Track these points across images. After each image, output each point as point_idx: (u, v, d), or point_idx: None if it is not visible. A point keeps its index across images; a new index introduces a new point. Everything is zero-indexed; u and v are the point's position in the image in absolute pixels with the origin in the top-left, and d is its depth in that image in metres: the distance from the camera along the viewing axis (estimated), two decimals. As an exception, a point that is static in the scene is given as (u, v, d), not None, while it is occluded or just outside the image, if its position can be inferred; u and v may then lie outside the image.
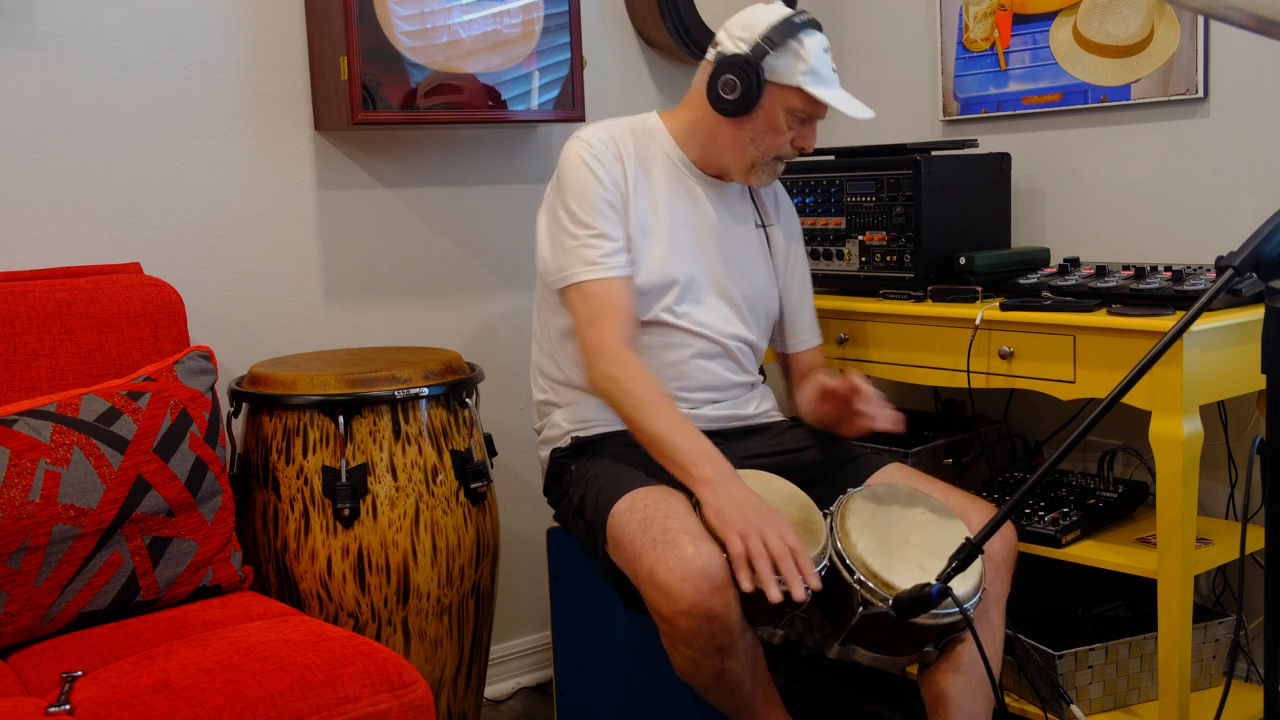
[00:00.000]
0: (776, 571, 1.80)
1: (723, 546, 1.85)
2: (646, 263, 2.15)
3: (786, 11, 2.11)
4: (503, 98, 2.56)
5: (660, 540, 1.85)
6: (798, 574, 1.80)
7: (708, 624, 1.81)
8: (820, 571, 1.91)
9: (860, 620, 1.91)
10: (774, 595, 1.77)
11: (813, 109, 2.13)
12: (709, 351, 2.21)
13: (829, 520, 1.99)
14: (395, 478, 2.18)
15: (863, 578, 1.89)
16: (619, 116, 2.27)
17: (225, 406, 2.27)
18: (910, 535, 1.97)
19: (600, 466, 2.10)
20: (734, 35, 2.12)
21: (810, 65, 2.08)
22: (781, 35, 2.08)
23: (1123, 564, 2.22)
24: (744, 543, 1.81)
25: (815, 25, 2.12)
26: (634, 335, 2.11)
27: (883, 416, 2.07)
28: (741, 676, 1.90)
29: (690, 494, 1.99)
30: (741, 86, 2.08)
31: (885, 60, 3.09)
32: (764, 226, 2.32)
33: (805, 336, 2.39)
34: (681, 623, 1.82)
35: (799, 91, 2.10)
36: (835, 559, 1.93)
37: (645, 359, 2.17)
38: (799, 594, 1.79)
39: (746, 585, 1.79)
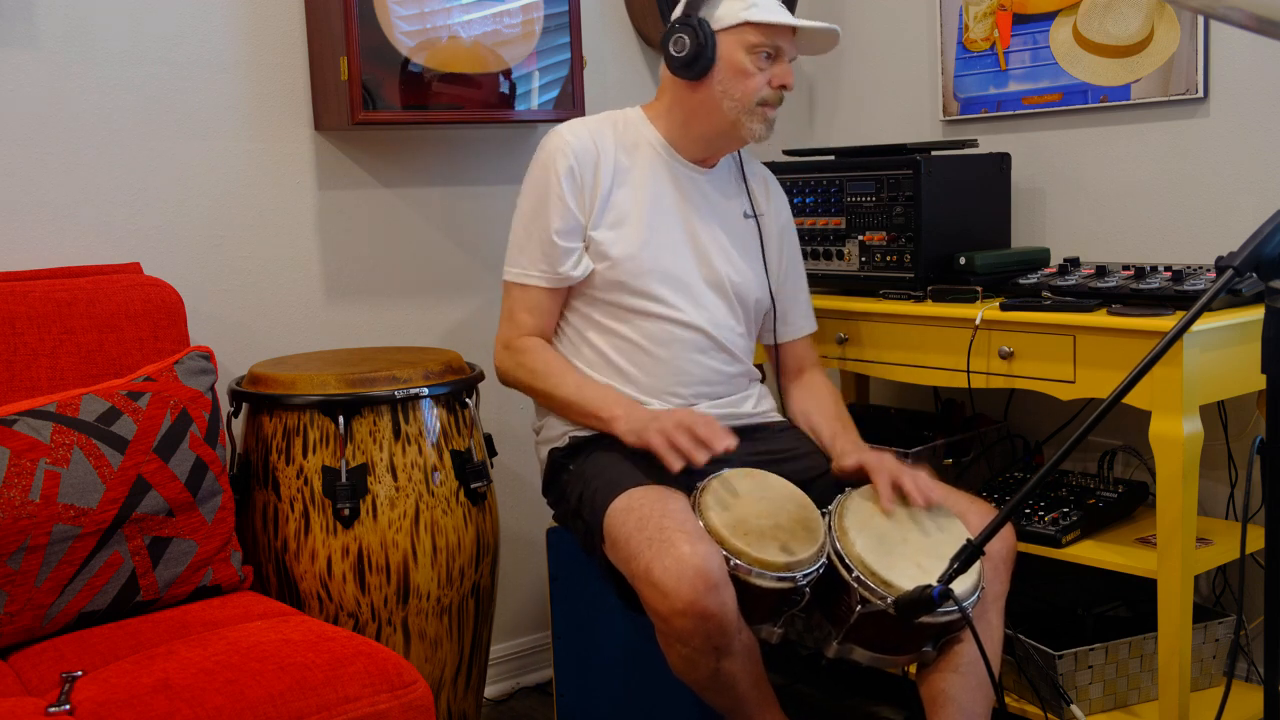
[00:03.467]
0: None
1: (728, 549, 1.87)
2: (628, 252, 2.15)
3: None
4: (503, 98, 2.56)
5: (656, 539, 1.85)
6: (712, 433, 1.95)
7: (703, 623, 1.81)
8: (819, 569, 1.91)
9: (858, 619, 1.91)
10: (699, 459, 1.93)
11: (771, 37, 2.12)
12: (701, 345, 2.20)
13: (827, 519, 1.99)
14: (395, 478, 2.18)
15: (861, 576, 1.89)
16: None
17: (225, 406, 2.27)
18: (908, 534, 1.97)
19: (597, 466, 2.10)
20: (681, 7, 2.16)
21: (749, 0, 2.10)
22: None
23: (1123, 564, 2.22)
24: (662, 435, 1.96)
25: None
26: (546, 331, 2.22)
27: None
28: (737, 676, 1.90)
29: (689, 493, 1.99)
30: (690, 39, 2.10)
31: (885, 60, 3.08)
32: (755, 216, 2.31)
33: (799, 324, 2.38)
34: (677, 622, 1.82)
35: (747, 25, 2.10)
36: (833, 557, 1.93)
37: (639, 356, 2.18)
38: (719, 448, 1.94)
39: (676, 465, 1.94)
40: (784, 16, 2.12)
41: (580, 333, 2.21)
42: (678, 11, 2.16)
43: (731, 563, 1.85)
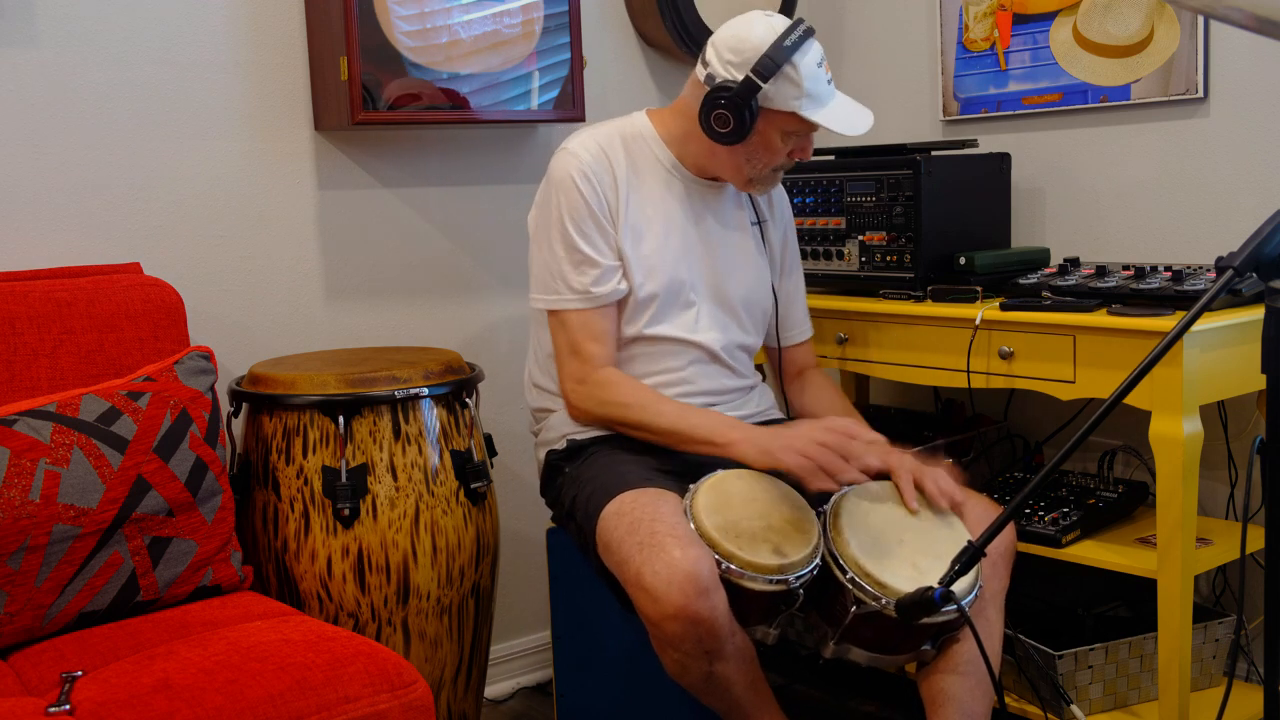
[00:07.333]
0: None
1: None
2: (640, 271, 2.14)
3: (777, 30, 2.03)
4: (503, 98, 2.56)
5: (647, 544, 1.85)
6: (859, 452, 1.98)
7: (694, 628, 1.81)
8: (812, 571, 1.91)
9: (854, 620, 1.91)
10: (856, 477, 1.96)
11: (809, 128, 2.09)
12: (705, 358, 2.21)
13: (822, 519, 1.99)
14: (395, 478, 2.18)
15: (855, 576, 1.89)
16: (612, 119, 2.26)
17: (225, 406, 2.27)
18: (905, 534, 1.97)
19: (593, 469, 2.09)
20: (724, 58, 2.05)
21: (805, 90, 2.03)
22: (774, 63, 2.00)
23: (1123, 564, 2.22)
24: (803, 456, 1.95)
25: (807, 35, 2.04)
26: (614, 357, 2.14)
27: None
28: (731, 679, 1.89)
29: (682, 495, 1.98)
30: (734, 120, 2.04)
31: (885, 60, 3.09)
32: (760, 223, 2.31)
33: (799, 330, 2.39)
34: (668, 626, 1.81)
35: (795, 116, 2.06)
36: (828, 558, 1.93)
37: (644, 365, 2.18)
38: (874, 461, 1.99)
39: (830, 485, 1.95)
40: (832, 118, 2.06)
41: None
42: (729, 73, 2.04)
43: (723, 566, 1.85)
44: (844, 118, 2.09)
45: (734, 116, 2.04)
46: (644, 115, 2.24)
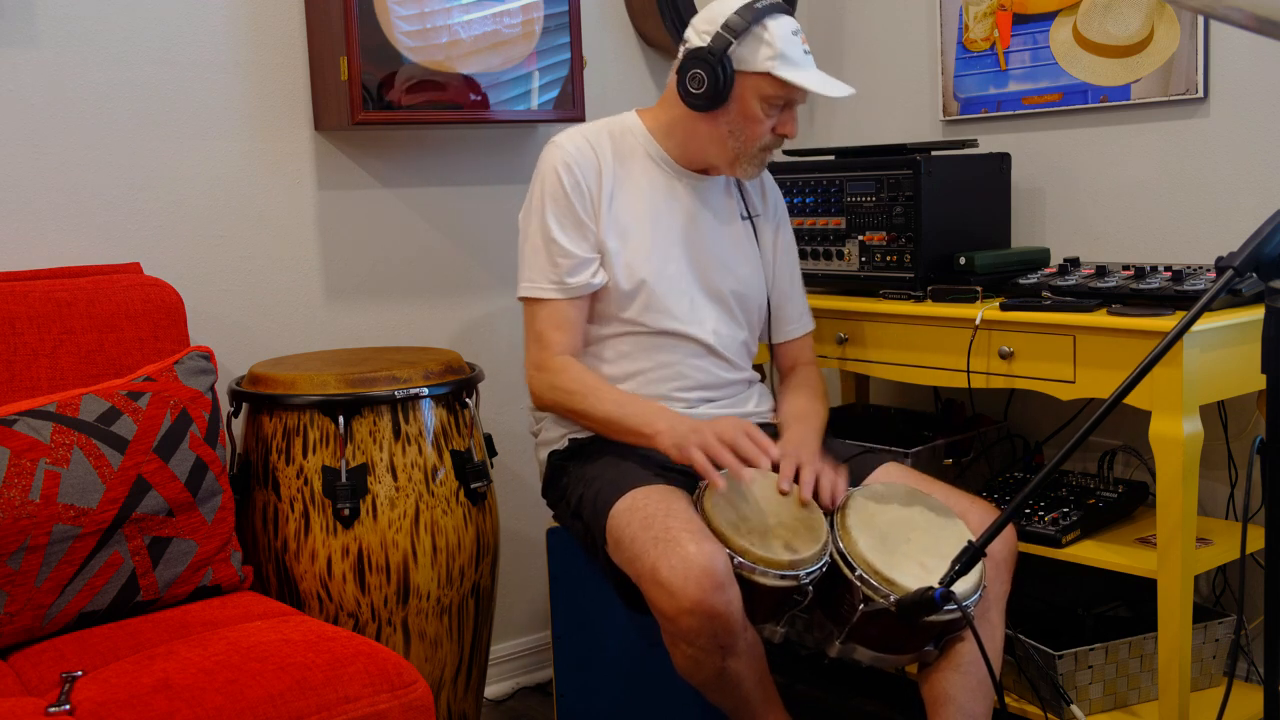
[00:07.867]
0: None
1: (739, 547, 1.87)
2: (629, 264, 2.15)
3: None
4: (503, 98, 2.56)
5: (662, 539, 1.85)
6: (757, 450, 1.92)
7: (710, 622, 1.81)
8: (822, 568, 1.91)
9: (861, 618, 1.91)
10: (746, 476, 1.92)
11: (787, 93, 2.10)
12: (700, 351, 2.21)
13: (830, 518, 1.99)
14: (395, 478, 2.18)
15: (864, 574, 1.89)
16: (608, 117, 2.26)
17: (225, 406, 2.27)
18: (911, 534, 1.97)
19: (598, 467, 2.10)
20: (699, 30, 2.10)
21: (777, 50, 2.05)
22: (744, 22, 2.05)
23: (1123, 564, 2.22)
24: (703, 450, 1.91)
25: (781, 9, 2.09)
26: (576, 347, 2.15)
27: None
28: (743, 675, 1.90)
29: (691, 491, 1.99)
30: (709, 80, 2.06)
31: (885, 60, 3.08)
32: (751, 218, 2.31)
33: (795, 325, 2.38)
34: (684, 621, 1.82)
35: (769, 77, 2.07)
36: (836, 556, 1.93)
37: (639, 359, 2.18)
38: (765, 465, 1.92)
39: (721, 484, 1.90)
40: (807, 79, 2.08)
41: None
42: (703, 40, 2.08)
43: (735, 561, 1.85)
44: (821, 82, 2.09)
45: (707, 76, 2.06)
46: (634, 113, 2.26)
